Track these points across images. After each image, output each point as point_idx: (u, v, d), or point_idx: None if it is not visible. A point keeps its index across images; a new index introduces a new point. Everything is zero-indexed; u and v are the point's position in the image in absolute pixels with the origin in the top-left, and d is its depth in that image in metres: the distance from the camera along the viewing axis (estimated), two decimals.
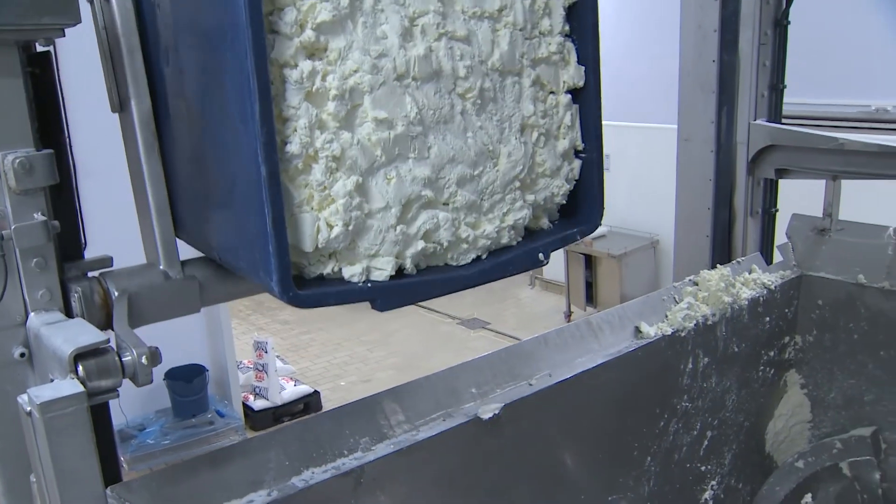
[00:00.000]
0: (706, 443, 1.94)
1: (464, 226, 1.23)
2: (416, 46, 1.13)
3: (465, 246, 1.24)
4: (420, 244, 1.18)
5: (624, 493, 1.75)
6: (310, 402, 5.05)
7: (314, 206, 1.10)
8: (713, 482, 2.03)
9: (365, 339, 6.14)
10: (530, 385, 1.47)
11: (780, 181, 2.40)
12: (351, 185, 1.09)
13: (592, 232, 1.39)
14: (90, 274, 1.23)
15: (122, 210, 1.64)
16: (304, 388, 5.11)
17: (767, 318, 2.00)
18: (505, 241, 1.29)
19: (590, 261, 6.24)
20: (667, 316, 1.74)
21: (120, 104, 1.23)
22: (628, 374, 1.64)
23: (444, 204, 1.21)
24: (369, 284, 1.15)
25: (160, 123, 1.24)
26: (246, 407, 4.93)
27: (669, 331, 1.70)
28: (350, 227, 1.10)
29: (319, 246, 1.10)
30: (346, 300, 1.16)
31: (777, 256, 2.18)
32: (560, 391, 1.49)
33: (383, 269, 1.15)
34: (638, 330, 1.67)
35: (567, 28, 1.32)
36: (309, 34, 1.05)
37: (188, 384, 4.48)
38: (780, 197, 2.41)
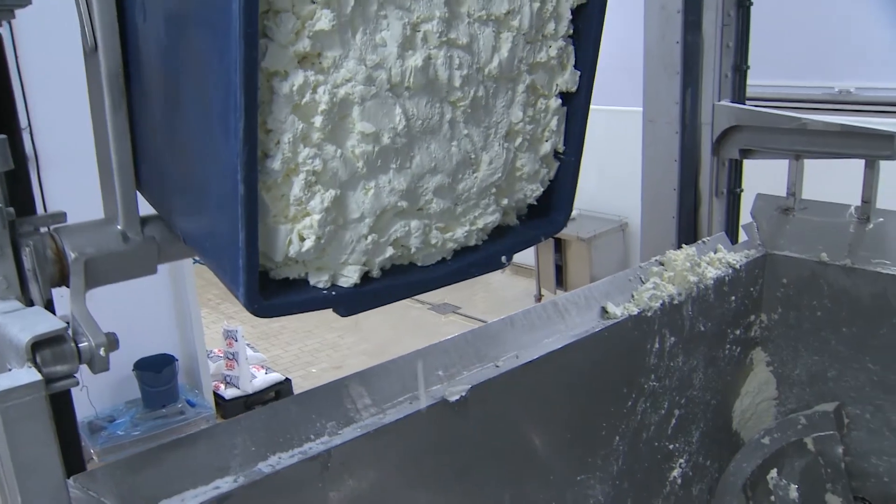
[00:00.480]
0: (674, 421, 1.96)
1: (435, 231, 1.20)
2: (415, 55, 1.07)
3: (433, 250, 1.21)
4: (389, 251, 1.15)
5: (593, 472, 1.76)
6: (281, 390, 5.03)
7: (289, 217, 1.06)
8: (681, 460, 2.05)
9: (336, 325, 6.12)
10: (497, 366, 1.47)
11: (745, 161, 2.42)
12: (328, 200, 1.04)
13: (557, 233, 1.38)
14: (42, 230, 1.17)
15: (85, 199, 1.59)
16: (276, 376, 5.09)
17: (733, 297, 2.02)
18: (472, 242, 1.26)
19: (559, 244, 6.26)
20: (633, 296, 1.75)
21: (93, 46, 1.12)
22: (595, 354, 1.65)
23: (418, 210, 1.17)
24: (334, 292, 1.13)
25: (131, 76, 1.15)
26: (217, 396, 4.89)
27: (636, 311, 1.71)
28: (322, 241, 1.07)
29: (289, 256, 1.08)
30: (310, 308, 1.13)
31: (742, 236, 2.20)
32: (527, 372, 1.49)
33: (350, 277, 1.12)
34: (604, 310, 1.68)
35: (571, 30, 1.25)
36: (305, 43, 0.97)
37: (157, 374, 4.43)
38: (744, 177, 2.43)
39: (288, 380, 5.11)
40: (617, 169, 6.08)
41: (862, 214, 2.07)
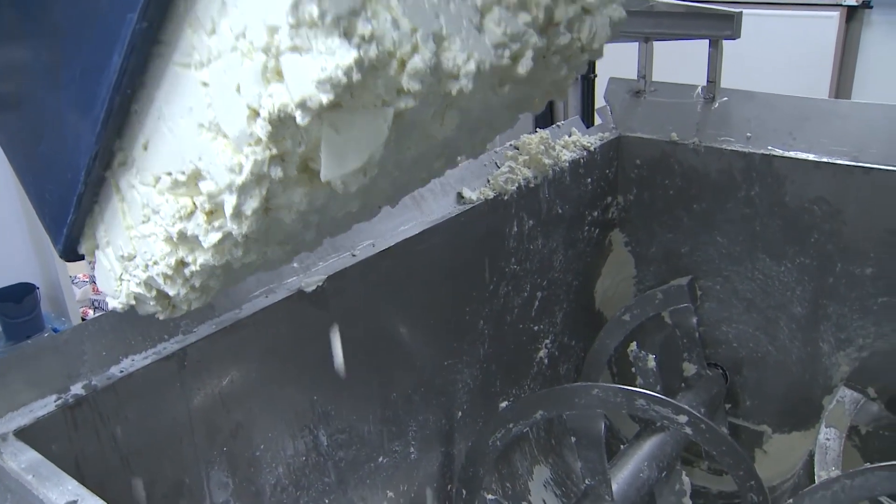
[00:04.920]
0: (537, 303, 2.01)
1: None
2: None
3: None
4: None
5: (459, 357, 1.80)
6: None
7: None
8: (547, 341, 2.12)
9: None
10: (353, 256, 1.46)
11: None
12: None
13: None
14: None
15: None
16: None
17: (589, 180, 2.07)
18: None
19: None
20: (489, 181, 1.76)
21: None
22: (453, 239, 1.66)
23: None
24: None
25: None
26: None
27: (492, 195, 1.73)
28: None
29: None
30: None
31: (597, 120, 2.23)
32: (384, 260, 1.49)
33: None
34: (460, 196, 1.69)
35: None
36: None
37: (18, 305, 4.23)
38: (598, 62, 2.47)
39: None
40: None
41: (708, 94, 2.14)
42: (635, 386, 2.08)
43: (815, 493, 1.47)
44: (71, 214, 0.98)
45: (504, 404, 1.95)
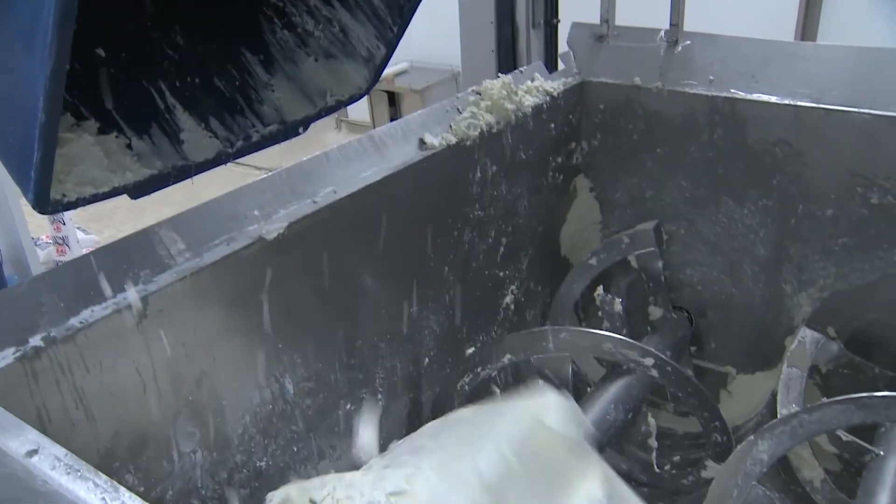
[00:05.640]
0: (502, 249, 2.01)
1: None
2: None
3: None
4: None
5: (425, 303, 1.80)
6: None
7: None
8: (513, 287, 2.12)
9: (174, 199, 5.86)
10: (314, 202, 1.44)
11: None
12: None
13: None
14: None
15: None
16: None
17: (552, 125, 2.06)
18: None
19: (393, 97, 6.19)
20: (451, 126, 1.74)
21: None
22: (415, 185, 1.65)
23: None
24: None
25: None
26: None
27: (454, 140, 1.71)
28: None
29: None
30: (99, 200, 1.12)
31: (560, 65, 2.22)
32: (346, 206, 1.48)
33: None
34: (422, 142, 1.67)
35: None
36: None
37: None
38: (560, 7, 2.44)
39: None
40: (446, 17, 6.00)
41: (671, 38, 2.13)
42: (602, 330, 2.10)
43: (774, 428, 1.50)
44: (36, 152, 0.94)
45: (471, 350, 1.96)
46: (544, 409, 1.38)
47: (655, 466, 2.10)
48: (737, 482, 1.53)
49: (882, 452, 1.67)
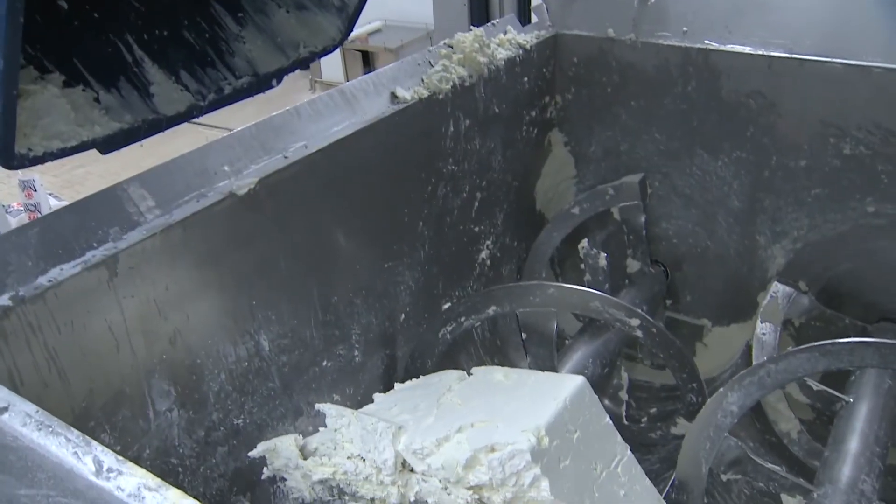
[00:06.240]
0: (476, 204, 2.01)
1: None
2: None
3: None
4: None
5: (400, 259, 1.79)
6: None
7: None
8: (488, 242, 2.12)
9: (144, 165, 5.79)
10: (285, 157, 1.43)
11: None
12: None
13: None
14: None
15: None
16: None
17: (526, 78, 2.04)
18: None
19: (367, 57, 6.13)
20: (423, 80, 1.72)
21: None
22: (388, 139, 1.63)
23: None
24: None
25: None
26: None
27: (426, 94, 1.70)
28: None
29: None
30: (68, 154, 1.09)
31: (534, 18, 2.20)
32: (318, 161, 1.46)
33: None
34: (394, 95, 1.66)
35: None
36: None
37: None
38: None
39: None
40: None
41: None
42: (582, 283, 2.11)
43: (743, 379, 1.52)
44: None
45: (447, 306, 1.96)
46: (572, 387, 1.42)
47: (625, 419, 2.12)
48: (708, 434, 1.55)
49: (851, 399, 1.70)
